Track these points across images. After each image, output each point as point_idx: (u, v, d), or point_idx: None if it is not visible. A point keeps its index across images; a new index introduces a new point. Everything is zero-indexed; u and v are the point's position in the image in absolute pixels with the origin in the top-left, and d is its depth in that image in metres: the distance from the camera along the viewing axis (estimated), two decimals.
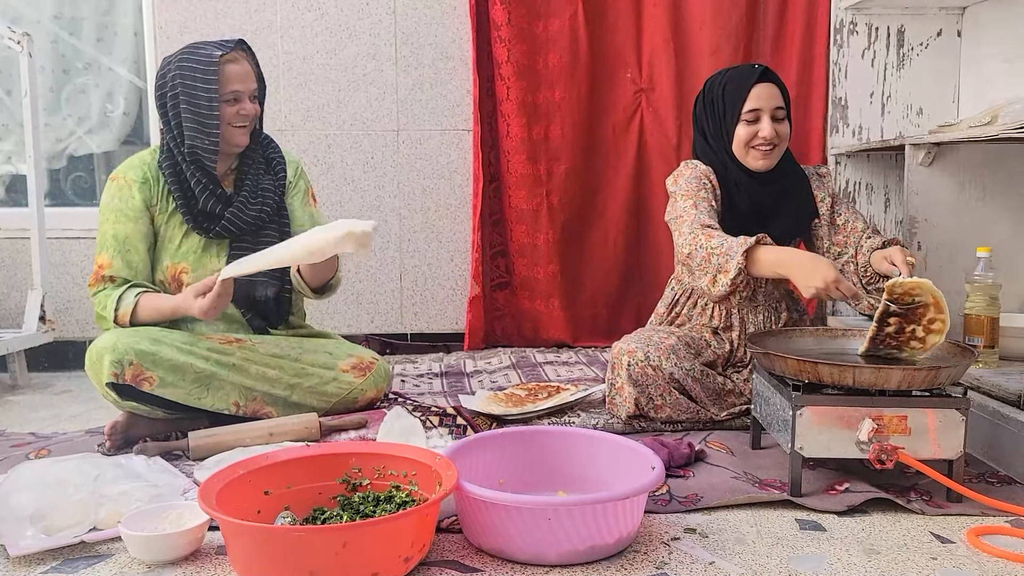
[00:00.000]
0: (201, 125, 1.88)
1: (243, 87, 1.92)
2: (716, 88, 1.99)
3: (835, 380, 1.49)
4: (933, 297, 1.57)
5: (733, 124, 1.95)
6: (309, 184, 2.16)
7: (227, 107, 1.90)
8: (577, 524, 1.25)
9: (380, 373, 2.08)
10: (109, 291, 1.88)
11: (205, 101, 1.87)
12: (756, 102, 1.92)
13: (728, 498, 1.53)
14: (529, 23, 2.90)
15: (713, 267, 1.81)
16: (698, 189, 1.95)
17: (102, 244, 1.92)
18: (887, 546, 1.35)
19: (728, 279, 1.78)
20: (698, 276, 1.85)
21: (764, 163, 1.95)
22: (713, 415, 1.95)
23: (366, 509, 1.35)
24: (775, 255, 1.78)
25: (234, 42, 1.93)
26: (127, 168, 1.96)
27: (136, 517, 1.33)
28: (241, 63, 1.92)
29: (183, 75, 1.88)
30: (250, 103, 1.94)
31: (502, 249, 3.04)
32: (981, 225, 2.30)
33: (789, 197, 2.02)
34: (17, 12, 2.97)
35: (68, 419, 2.20)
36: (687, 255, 1.87)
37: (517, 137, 2.92)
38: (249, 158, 2.02)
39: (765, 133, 1.92)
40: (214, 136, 1.89)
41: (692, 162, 2.04)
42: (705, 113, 2.02)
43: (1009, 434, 1.69)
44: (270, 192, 2.02)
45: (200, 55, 1.88)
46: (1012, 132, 1.84)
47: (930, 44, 2.81)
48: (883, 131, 2.85)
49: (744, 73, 1.96)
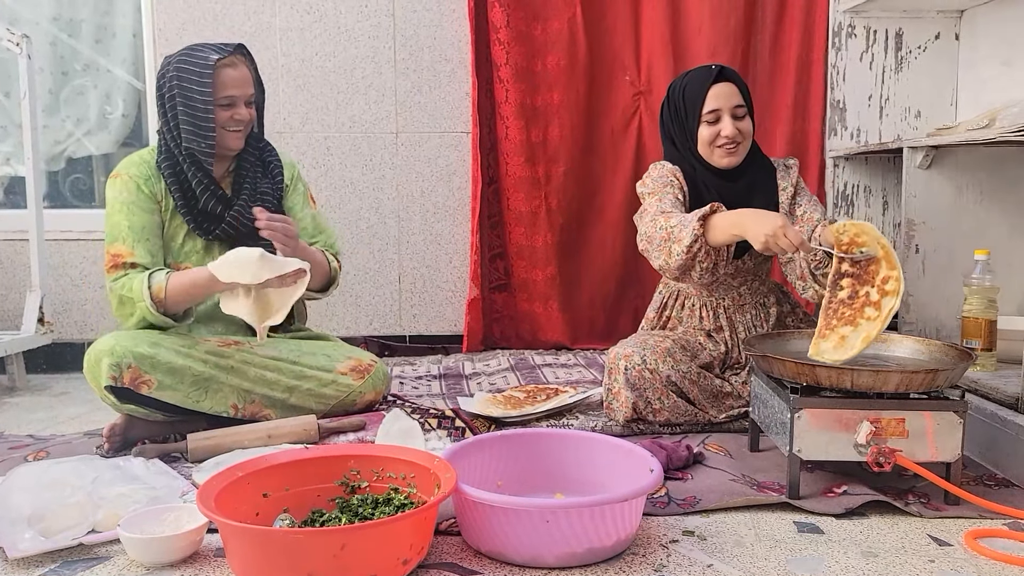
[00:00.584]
0: (197, 127, 1.89)
1: (239, 92, 1.92)
2: (677, 92, 2.01)
3: (833, 383, 1.49)
4: (881, 247, 1.56)
5: (696, 125, 1.97)
6: (307, 186, 2.17)
7: (222, 111, 1.90)
8: (575, 526, 1.25)
9: (379, 375, 2.08)
10: (135, 274, 1.85)
11: (200, 104, 1.87)
12: (715, 102, 1.94)
13: (726, 500, 1.53)
14: (528, 26, 2.90)
15: (669, 240, 1.82)
16: (664, 186, 1.98)
17: (116, 235, 1.89)
18: (885, 549, 1.35)
19: (683, 247, 1.78)
20: (656, 257, 1.86)
21: (729, 160, 1.97)
22: (711, 417, 1.95)
23: (365, 511, 1.35)
24: (729, 218, 1.77)
25: (233, 46, 1.93)
26: (129, 165, 1.95)
27: (134, 519, 1.33)
28: (239, 68, 1.92)
29: (180, 77, 1.88)
30: (245, 108, 1.94)
31: (501, 251, 3.04)
32: (979, 228, 2.30)
33: (756, 191, 2.03)
34: (16, 14, 2.97)
35: (66, 421, 2.20)
36: (647, 238, 1.88)
37: (516, 139, 2.93)
38: (247, 161, 2.02)
39: (727, 132, 1.93)
40: (210, 139, 1.90)
41: (659, 163, 2.06)
42: (670, 117, 2.04)
43: (1007, 437, 1.69)
44: (269, 195, 2.02)
45: (197, 58, 1.88)
46: (1010, 135, 1.85)
47: (928, 47, 2.81)
48: (881, 134, 2.85)
49: (701, 75, 1.98)
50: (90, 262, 2.91)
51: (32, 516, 1.36)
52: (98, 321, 2.92)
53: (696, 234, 1.77)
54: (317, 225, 2.12)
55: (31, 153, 2.60)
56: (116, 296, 1.86)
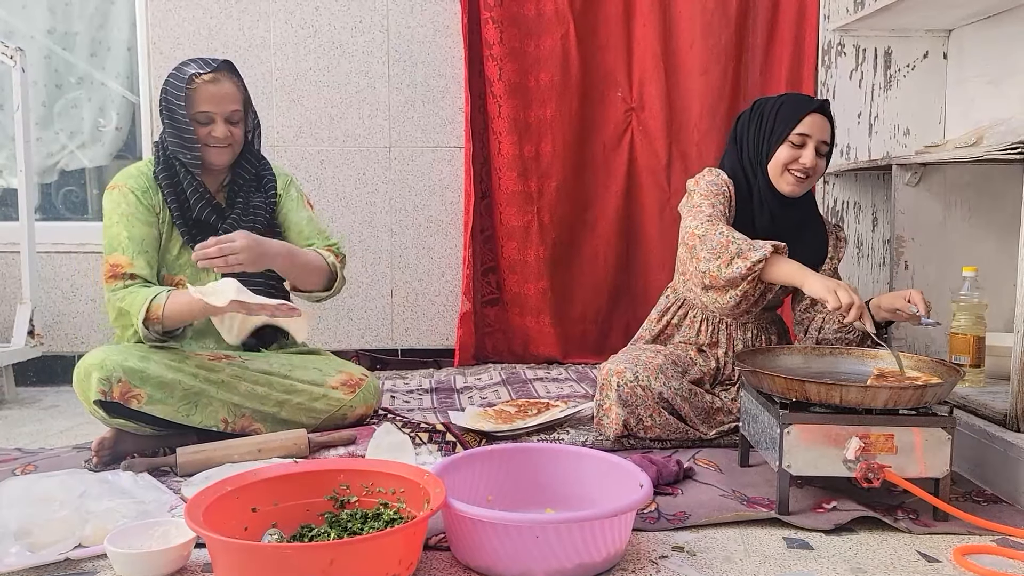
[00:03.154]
0: (180, 140, 1.90)
1: (216, 109, 1.90)
2: (770, 106, 1.97)
3: (822, 398, 1.50)
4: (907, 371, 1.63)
5: (778, 143, 1.94)
6: (302, 191, 2.16)
7: (200, 127, 1.91)
8: (565, 542, 1.25)
9: (370, 389, 2.08)
10: (136, 288, 1.83)
11: (180, 118, 1.89)
12: (808, 128, 1.91)
13: (716, 516, 1.53)
14: (521, 42, 2.92)
15: (731, 251, 1.78)
16: (716, 194, 1.95)
17: (116, 246, 1.87)
18: (874, 565, 1.36)
19: (747, 264, 1.75)
20: (707, 259, 1.82)
21: (793, 189, 1.94)
22: (702, 434, 1.96)
23: (354, 526, 1.35)
24: (793, 265, 1.76)
25: (217, 63, 1.92)
26: (126, 178, 1.95)
27: (122, 534, 1.33)
28: (220, 84, 1.91)
29: (165, 89, 1.91)
30: (224, 125, 1.92)
31: (493, 265, 3.05)
32: (967, 244, 2.32)
33: (808, 229, 2.02)
34: (10, 27, 2.97)
35: (55, 434, 2.19)
36: (700, 236, 1.84)
37: (508, 154, 2.94)
38: (240, 177, 2.02)
39: (806, 160, 1.91)
40: (195, 151, 1.91)
41: (715, 170, 2.03)
42: (749, 127, 2.00)
43: (995, 453, 1.70)
44: (261, 210, 2.02)
45: (179, 73, 1.90)
46: (997, 153, 1.86)
47: (916, 66, 2.84)
48: (870, 151, 2.88)
49: (803, 100, 1.96)
50: (81, 274, 2.90)
51: (19, 530, 1.35)
52: (89, 334, 2.91)
53: (764, 256, 1.75)
54: (314, 227, 2.11)
55: (24, 165, 2.60)
56: (114, 307, 1.85)
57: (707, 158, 2.93)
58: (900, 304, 1.81)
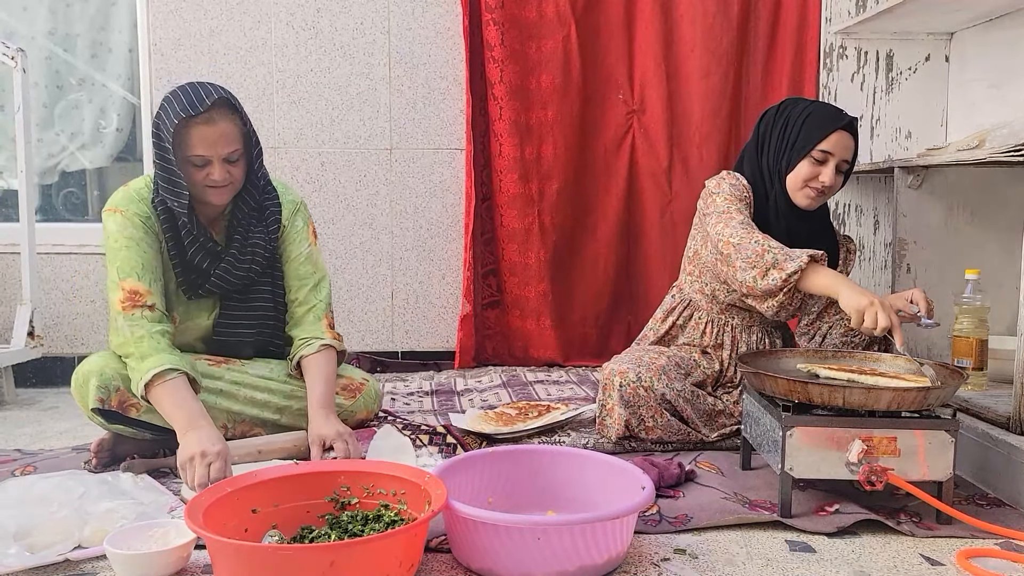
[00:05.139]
0: (170, 186, 1.76)
1: (211, 152, 1.73)
2: (797, 114, 1.92)
3: (825, 401, 1.49)
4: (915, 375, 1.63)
5: (799, 157, 1.89)
6: (308, 220, 2.02)
7: (194, 171, 1.75)
8: (566, 544, 1.24)
9: (370, 394, 2.07)
10: (151, 326, 1.72)
11: (169, 161, 1.73)
12: (832, 147, 1.86)
13: (718, 519, 1.52)
14: (522, 44, 2.92)
15: (767, 262, 1.75)
16: (739, 200, 1.92)
17: (131, 271, 1.75)
18: (877, 568, 1.35)
19: (783, 275, 1.72)
20: (742, 268, 1.79)
21: (810, 203, 1.92)
22: (704, 437, 1.95)
23: (354, 528, 1.34)
24: (830, 275, 1.72)
25: (213, 100, 1.71)
26: (127, 202, 1.81)
27: (121, 535, 1.32)
28: (216, 125, 1.72)
29: (157, 124, 1.76)
30: (222, 166, 1.76)
31: (493, 268, 3.04)
32: (969, 247, 2.31)
33: (820, 241, 2.00)
34: (11, 28, 2.97)
35: (55, 436, 2.18)
36: (735, 244, 1.80)
37: (509, 156, 2.94)
38: (240, 210, 1.89)
39: (825, 179, 1.87)
40: (183, 197, 1.76)
41: (735, 173, 2.01)
42: (773, 130, 1.96)
43: (998, 456, 1.69)
44: (260, 247, 1.90)
45: (172, 109, 1.72)
46: (999, 156, 1.86)
47: (918, 69, 2.84)
48: (872, 154, 2.87)
49: (831, 115, 1.89)
50: (82, 276, 2.90)
51: (18, 531, 1.34)
52: (89, 335, 2.90)
53: (800, 267, 1.71)
54: (310, 265, 1.98)
55: (24, 166, 2.59)
56: (123, 337, 1.73)
57: (708, 161, 2.93)
58: (902, 304, 1.80)
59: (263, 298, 1.95)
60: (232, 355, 1.96)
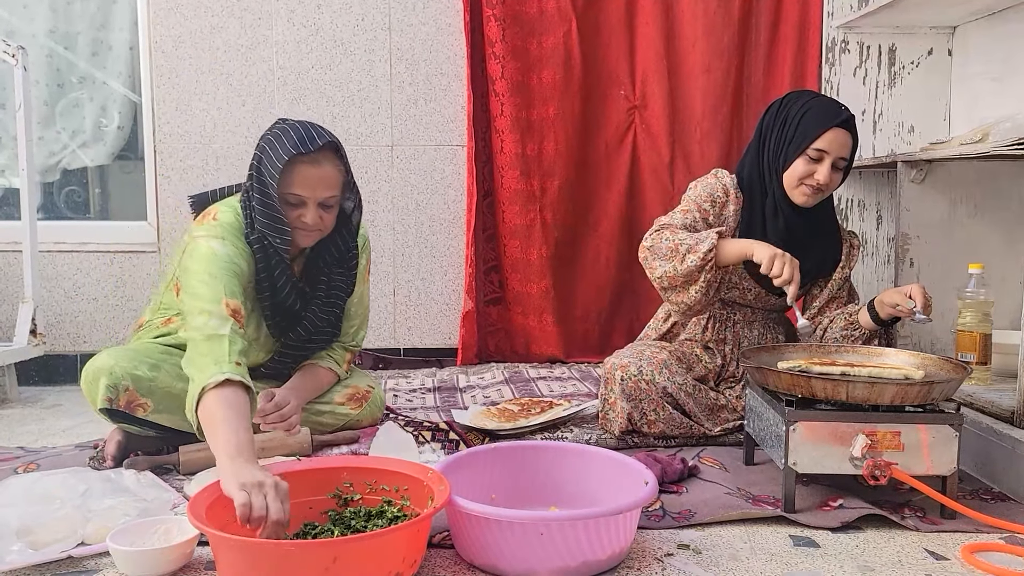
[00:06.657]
0: (271, 222, 1.72)
1: (310, 194, 1.71)
2: (796, 110, 1.91)
3: (828, 395, 1.49)
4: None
5: (795, 154, 1.89)
6: (370, 257, 2.06)
7: (287, 208, 1.73)
8: (569, 540, 1.24)
9: (376, 402, 2.07)
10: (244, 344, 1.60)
11: (271, 196, 1.70)
12: (826, 144, 1.85)
13: (721, 514, 1.52)
14: (523, 40, 2.91)
15: (681, 252, 1.84)
16: (705, 200, 1.96)
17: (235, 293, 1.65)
18: (881, 563, 1.35)
19: (698, 256, 1.81)
20: (660, 265, 1.87)
21: (806, 201, 1.92)
22: (706, 430, 1.95)
23: (357, 524, 1.34)
24: (742, 241, 1.84)
25: (323, 140, 1.71)
26: (234, 236, 1.73)
27: (124, 532, 1.32)
28: (320, 167, 1.71)
29: (259, 157, 1.73)
30: (316, 210, 1.73)
31: (495, 264, 3.04)
32: (973, 242, 2.31)
33: (820, 237, 2.00)
34: (12, 26, 2.97)
35: (57, 433, 2.18)
36: (649, 248, 1.90)
37: (511, 153, 2.93)
38: (324, 255, 1.88)
39: (820, 177, 1.87)
40: (286, 234, 1.72)
41: (720, 172, 2.02)
42: (773, 126, 1.95)
43: (1002, 451, 1.69)
44: (342, 289, 1.93)
45: (280, 144, 1.69)
46: (1003, 149, 1.85)
47: (921, 63, 2.83)
48: (875, 148, 2.87)
49: (828, 111, 1.88)
50: (83, 274, 2.90)
51: (20, 529, 1.34)
52: (91, 333, 2.90)
53: (713, 244, 1.80)
54: (362, 306, 2.07)
55: (25, 164, 2.59)
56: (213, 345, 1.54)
57: (710, 156, 2.92)
58: (899, 299, 1.81)
59: (324, 341, 1.98)
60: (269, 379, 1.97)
